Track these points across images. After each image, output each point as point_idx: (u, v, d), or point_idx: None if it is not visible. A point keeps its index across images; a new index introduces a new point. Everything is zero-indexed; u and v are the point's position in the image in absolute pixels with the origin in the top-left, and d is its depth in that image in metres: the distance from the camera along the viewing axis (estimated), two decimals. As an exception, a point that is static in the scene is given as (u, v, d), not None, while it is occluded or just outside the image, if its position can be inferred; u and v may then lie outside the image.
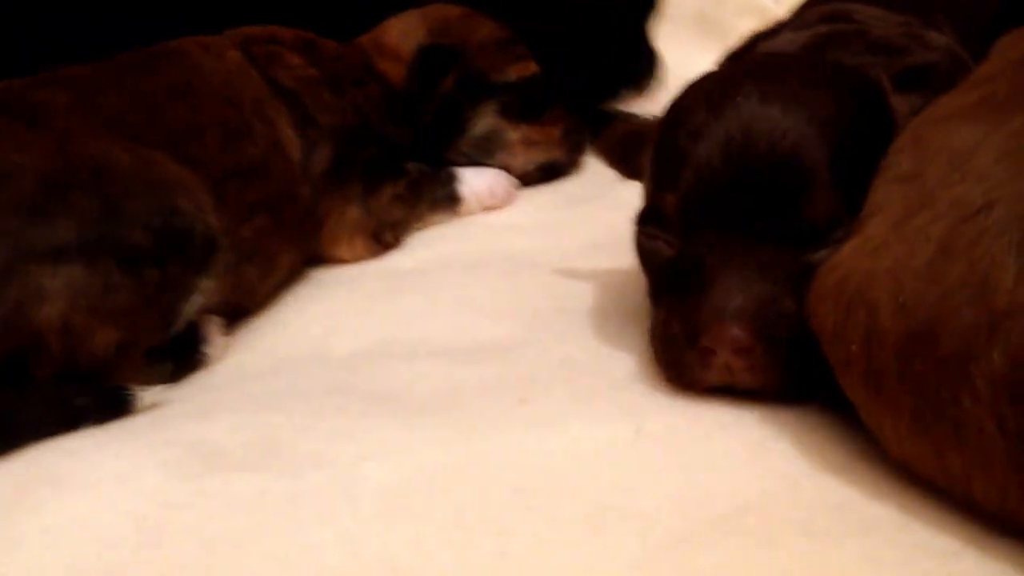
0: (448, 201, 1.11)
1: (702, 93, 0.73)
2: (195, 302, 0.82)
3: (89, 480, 0.66)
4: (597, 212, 1.11)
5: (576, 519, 0.59)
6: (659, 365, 0.73)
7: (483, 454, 0.67)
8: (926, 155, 0.61)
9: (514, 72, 1.17)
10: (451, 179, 1.12)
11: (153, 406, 0.77)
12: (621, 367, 0.76)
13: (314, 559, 0.58)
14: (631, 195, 0.82)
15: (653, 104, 1.36)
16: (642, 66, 1.34)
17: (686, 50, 1.54)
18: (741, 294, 0.66)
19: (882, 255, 0.58)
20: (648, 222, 0.74)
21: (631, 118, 1.28)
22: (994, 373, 0.51)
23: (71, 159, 0.79)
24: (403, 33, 1.17)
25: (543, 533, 0.58)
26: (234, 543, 0.60)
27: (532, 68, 1.19)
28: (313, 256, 1.04)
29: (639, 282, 0.80)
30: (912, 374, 0.55)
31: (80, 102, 0.87)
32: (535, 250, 1.03)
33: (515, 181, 1.17)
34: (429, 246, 1.07)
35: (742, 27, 1.43)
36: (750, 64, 0.78)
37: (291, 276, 1.00)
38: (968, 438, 0.52)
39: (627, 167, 0.84)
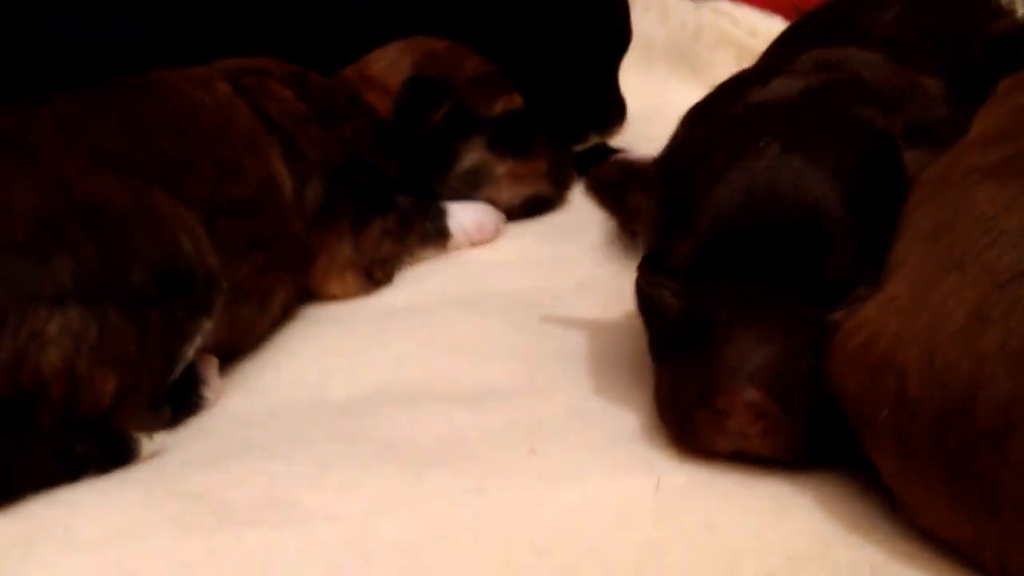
0: (438, 236, 1.11)
1: (717, 137, 0.72)
2: (197, 344, 0.80)
3: (95, 537, 0.65)
4: (585, 248, 1.12)
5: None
6: (667, 427, 0.70)
7: (498, 509, 0.67)
8: (949, 214, 0.61)
9: (501, 106, 1.17)
10: (440, 214, 1.11)
11: (154, 455, 0.75)
12: (633, 416, 0.76)
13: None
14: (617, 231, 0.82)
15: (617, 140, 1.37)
16: (610, 110, 1.34)
17: (660, 82, 1.56)
18: (757, 354, 0.63)
19: (911, 318, 0.58)
20: (653, 270, 0.72)
21: (621, 154, 1.29)
22: None
23: (67, 198, 0.77)
24: (389, 65, 1.16)
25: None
26: None
27: (517, 102, 1.19)
28: (305, 292, 1.02)
29: (638, 327, 0.79)
30: (947, 446, 0.54)
31: (68, 136, 0.85)
32: (527, 288, 1.03)
33: (502, 216, 1.17)
34: (419, 283, 1.07)
35: (716, 60, 1.45)
36: (763, 109, 0.76)
37: (285, 314, 0.98)
38: (1005, 513, 0.52)
39: (618, 208, 0.83)
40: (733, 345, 0.64)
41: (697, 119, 0.81)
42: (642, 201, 0.78)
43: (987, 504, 0.53)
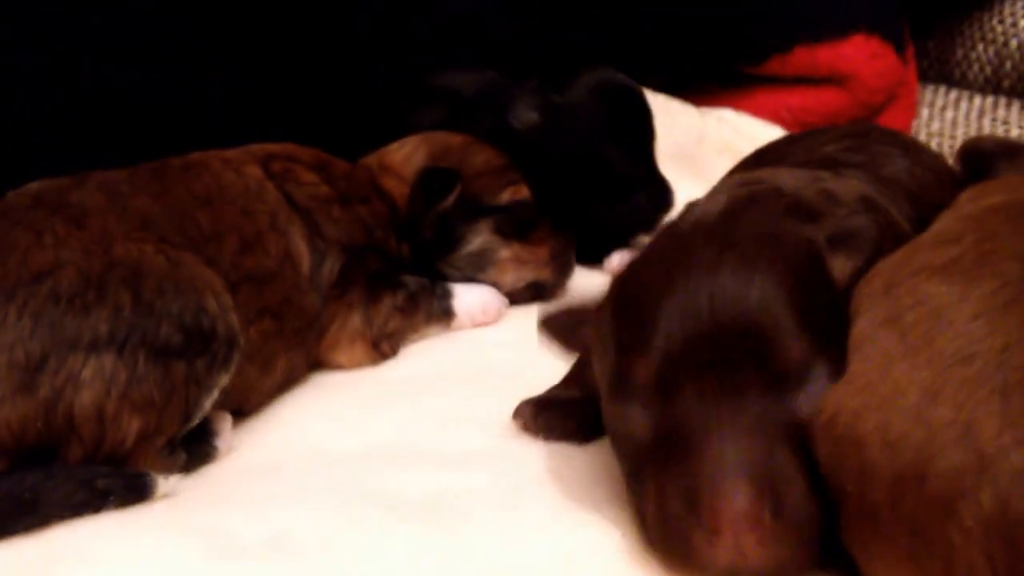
0: (443, 315, 1.19)
1: (657, 257, 0.76)
2: (214, 397, 0.88)
3: (112, 560, 0.72)
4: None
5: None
6: (659, 551, 0.70)
7: (474, 553, 0.73)
8: (902, 304, 0.67)
9: (507, 195, 1.26)
10: (447, 295, 1.19)
11: (167, 495, 0.83)
12: (606, 487, 0.81)
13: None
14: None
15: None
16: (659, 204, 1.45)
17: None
18: (736, 458, 0.64)
19: (868, 395, 0.63)
20: (617, 394, 0.73)
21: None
22: (983, 513, 0.55)
23: (110, 257, 0.86)
24: (406, 156, 1.26)
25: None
26: None
27: (524, 192, 1.28)
28: (313, 362, 1.10)
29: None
30: (904, 511, 0.58)
31: (112, 204, 0.94)
32: (522, 366, 1.09)
33: (505, 300, 1.25)
34: (421, 357, 1.14)
35: (720, 165, 1.53)
36: (695, 226, 0.79)
37: (288, 379, 1.06)
38: (958, 575, 0.56)
39: (572, 344, 0.89)
40: (709, 454, 0.65)
41: (653, 240, 0.86)
42: (594, 337, 0.80)
43: (942, 568, 0.57)
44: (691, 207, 0.93)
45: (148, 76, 1.36)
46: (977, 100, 1.77)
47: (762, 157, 1.14)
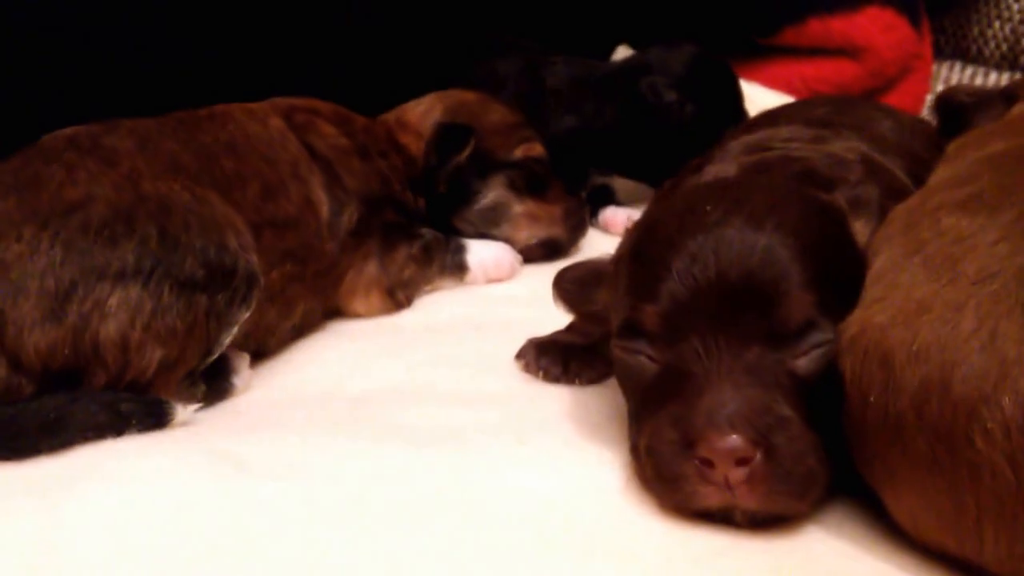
0: (456, 269, 1.21)
1: (672, 212, 0.78)
2: (233, 333, 0.91)
3: (130, 477, 0.75)
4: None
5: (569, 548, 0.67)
6: (647, 484, 0.72)
7: (483, 483, 0.76)
8: (923, 237, 0.69)
9: (521, 152, 1.29)
10: (461, 249, 1.22)
11: (185, 423, 0.86)
12: (615, 427, 0.84)
13: (321, 557, 0.67)
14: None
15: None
16: None
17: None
18: (734, 401, 0.66)
19: (894, 312, 0.65)
20: (627, 337, 0.75)
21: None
22: (1005, 416, 0.57)
23: (139, 193, 0.89)
24: (423, 112, 1.29)
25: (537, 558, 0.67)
26: (255, 537, 0.68)
27: (538, 150, 1.30)
28: (330, 309, 1.13)
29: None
30: (928, 417, 0.61)
31: (142, 147, 0.97)
32: (531, 318, 1.11)
33: (519, 257, 1.27)
34: (436, 308, 1.17)
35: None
36: (710, 186, 0.83)
37: (305, 324, 1.09)
38: (981, 479, 0.59)
39: (585, 305, 0.91)
40: (711, 395, 0.67)
41: (657, 200, 0.92)
42: (610, 285, 0.84)
43: (965, 473, 0.59)
44: (695, 167, 0.96)
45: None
46: (993, 76, 1.78)
47: (753, 124, 1.17)
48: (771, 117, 1.18)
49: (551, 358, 0.95)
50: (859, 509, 0.71)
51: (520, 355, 0.97)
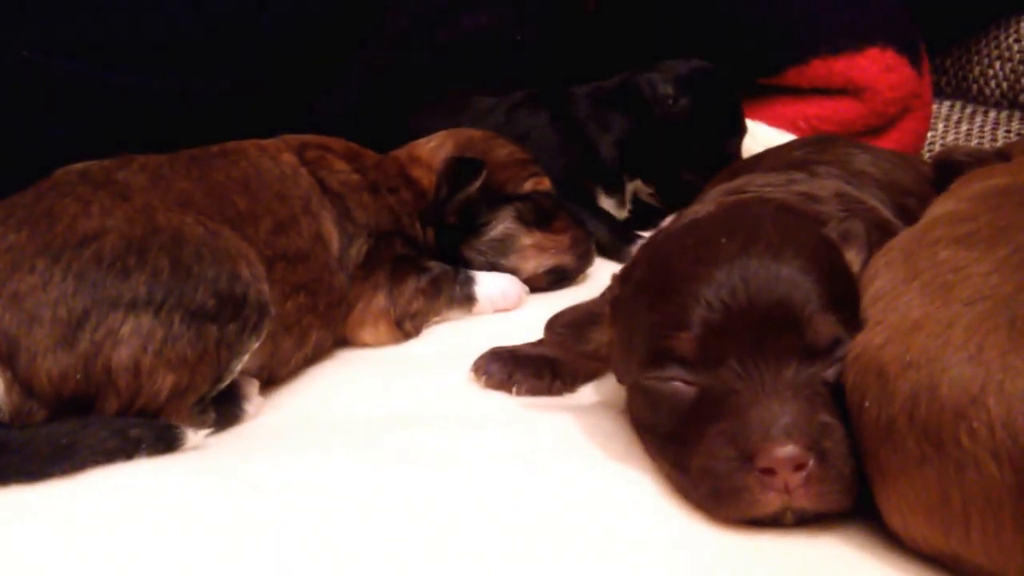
0: (465, 300, 1.23)
1: (681, 248, 0.83)
2: (244, 361, 0.93)
3: (140, 493, 0.77)
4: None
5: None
6: (702, 500, 0.75)
7: (494, 507, 0.77)
8: (921, 266, 0.75)
9: (529, 186, 1.31)
10: (469, 281, 1.24)
11: (196, 448, 0.87)
12: (618, 443, 0.87)
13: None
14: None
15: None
16: None
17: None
18: (783, 415, 0.71)
19: (890, 332, 0.71)
20: (657, 365, 0.79)
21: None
22: (991, 416, 0.62)
23: (152, 225, 0.91)
24: (435, 147, 1.33)
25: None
26: (264, 554, 0.71)
27: (545, 184, 1.33)
28: (340, 339, 1.15)
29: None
30: (918, 419, 0.66)
31: (155, 183, 1.00)
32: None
33: (526, 288, 1.29)
34: (443, 337, 1.19)
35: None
36: (706, 226, 0.87)
37: (316, 353, 1.11)
38: (967, 473, 0.63)
39: (579, 346, 0.93)
40: (757, 411, 0.72)
41: (645, 248, 0.95)
42: (618, 322, 0.87)
43: (952, 470, 0.64)
44: (680, 216, 1.00)
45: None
46: (992, 114, 1.81)
47: (736, 171, 1.20)
48: (752, 162, 1.23)
49: (499, 366, 1.01)
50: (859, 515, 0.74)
51: (477, 367, 1.02)
